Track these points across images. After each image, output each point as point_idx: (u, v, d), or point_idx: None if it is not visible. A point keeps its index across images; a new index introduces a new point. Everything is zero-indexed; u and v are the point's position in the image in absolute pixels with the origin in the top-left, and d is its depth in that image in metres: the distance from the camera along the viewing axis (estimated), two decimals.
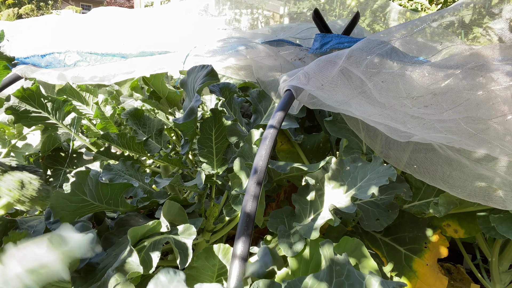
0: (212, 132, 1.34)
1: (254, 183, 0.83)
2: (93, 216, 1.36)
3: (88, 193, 1.17)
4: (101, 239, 1.18)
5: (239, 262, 0.73)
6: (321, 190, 1.13)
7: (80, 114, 2.21)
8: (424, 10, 3.26)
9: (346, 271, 0.79)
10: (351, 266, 0.80)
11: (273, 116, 0.95)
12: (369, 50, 1.06)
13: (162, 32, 1.89)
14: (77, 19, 2.02)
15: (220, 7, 2.14)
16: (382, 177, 0.99)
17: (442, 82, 1.03)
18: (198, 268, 1.08)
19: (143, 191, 1.42)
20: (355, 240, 1.01)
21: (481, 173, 1.12)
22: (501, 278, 1.56)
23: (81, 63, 1.63)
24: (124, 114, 1.84)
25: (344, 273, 0.80)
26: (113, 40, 1.75)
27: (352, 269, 0.79)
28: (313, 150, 1.71)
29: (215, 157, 1.35)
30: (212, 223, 1.35)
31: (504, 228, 1.22)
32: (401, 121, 1.05)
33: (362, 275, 0.78)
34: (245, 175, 1.18)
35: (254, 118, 1.61)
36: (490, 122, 0.99)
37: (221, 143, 1.35)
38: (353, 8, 2.11)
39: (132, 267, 0.86)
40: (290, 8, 2.39)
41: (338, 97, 1.07)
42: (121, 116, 1.89)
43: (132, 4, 15.84)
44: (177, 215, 1.13)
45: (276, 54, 1.53)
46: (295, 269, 1.01)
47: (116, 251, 1.02)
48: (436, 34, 1.26)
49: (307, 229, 1.00)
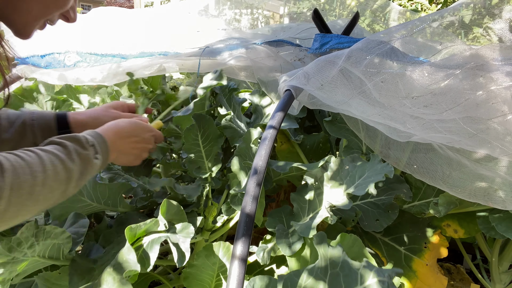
0: (198, 137, 1.31)
1: (254, 183, 0.83)
2: (93, 215, 1.36)
3: (86, 193, 1.17)
4: (100, 237, 1.18)
5: (239, 263, 0.72)
6: (320, 189, 1.13)
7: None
8: (424, 10, 3.26)
9: (340, 262, 0.79)
10: (345, 257, 0.80)
11: (273, 116, 0.95)
12: (369, 50, 1.05)
13: (162, 33, 1.89)
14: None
15: (220, 7, 2.14)
16: (379, 174, 0.99)
17: (442, 82, 1.03)
18: (198, 266, 1.08)
19: (143, 190, 1.42)
20: (353, 236, 1.01)
21: (481, 173, 1.12)
22: (501, 278, 1.56)
23: (81, 64, 1.63)
24: None
25: (339, 264, 0.80)
26: (113, 41, 1.75)
27: (346, 259, 0.80)
28: (313, 150, 1.71)
29: (206, 160, 1.34)
30: (211, 222, 1.35)
31: (503, 227, 1.22)
32: (401, 121, 1.05)
33: (357, 265, 0.78)
34: (244, 174, 1.18)
35: (254, 118, 1.61)
36: (490, 122, 0.99)
37: (210, 145, 1.33)
38: (353, 8, 2.11)
39: (129, 265, 0.86)
40: (290, 8, 2.39)
41: (338, 97, 1.07)
42: None
43: (132, 4, 15.84)
44: (176, 214, 1.12)
45: (276, 55, 1.53)
46: (294, 267, 1.01)
47: (115, 249, 1.02)
48: (436, 34, 1.26)
49: (305, 227, 1.00)
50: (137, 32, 1.87)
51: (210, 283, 1.10)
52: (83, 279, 0.99)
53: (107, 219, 1.36)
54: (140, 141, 0.98)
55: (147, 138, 1.01)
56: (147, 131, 1.02)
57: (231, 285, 0.70)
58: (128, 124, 0.96)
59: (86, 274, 1.01)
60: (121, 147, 0.93)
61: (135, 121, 0.99)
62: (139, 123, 1.00)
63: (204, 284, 1.10)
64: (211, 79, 1.39)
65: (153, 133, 1.04)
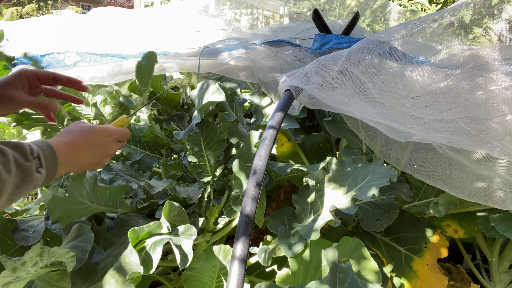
0: (200, 142, 1.31)
1: (254, 184, 0.83)
2: (93, 216, 1.36)
3: (86, 195, 1.16)
4: (101, 239, 1.18)
5: (239, 264, 0.72)
6: (322, 190, 1.13)
7: (80, 114, 2.20)
8: (424, 10, 3.27)
9: (349, 279, 0.80)
10: (354, 275, 0.81)
11: (273, 117, 0.95)
12: (369, 50, 1.05)
13: (162, 33, 1.89)
14: (76, 19, 2.02)
15: (220, 7, 2.14)
16: (382, 178, 0.99)
17: (442, 82, 1.03)
18: (199, 269, 1.09)
19: (143, 191, 1.42)
20: (355, 240, 1.01)
21: (481, 173, 1.12)
22: (501, 278, 1.56)
23: (81, 64, 1.63)
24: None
25: (348, 281, 0.80)
26: (112, 41, 1.75)
27: (355, 277, 0.80)
28: (313, 150, 1.71)
29: (208, 164, 1.34)
30: (212, 224, 1.35)
31: (503, 227, 1.22)
32: (401, 121, 1.05)
33: (366, 284, 0.78)
34: (245, 176, 1.18)
35: (255, 118, 1.61)
36: (490, 122, 0.99)
37: (213, 149, 1.33)
38: (353, 8, 2.11)
39: (132, 267, 0.86)
40: (290, 8, 2.39)
41: (338, 97, 1.07)
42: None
43: (132, 4, 15.84)
44: (177, 216, 1.12)
45: (276, 55, 1.53)
46: (295, 270, 1.01)
47: (116, 251, 1.02)
48: (436, 34, 1.26)
49: (307, 229, 1.00)
50: (137, 32, 1.87)
51: (211, 285, 1.11)
52: (85, 282, 0.99)
53: (107, 221, 1.36)
54: (97, 148, 0.91)
55: (105, 143, 0.93)
56: (104, 136, 0.93)
57: (231, 285, 0.71)
58: (82, 133, 0.89)
59: (88, 276, 1.00)
60: (76, 159, 0.86)
61: (89, 127, 0.92)
62: (94, 129, 0.92)
63: (204, 286, 1.10)
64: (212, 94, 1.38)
65: (113, 137, 0.95)
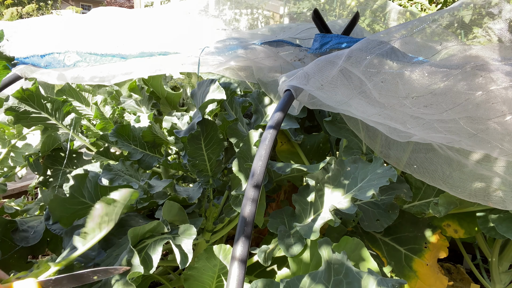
0: (201, 141, 1.32)
1: (253, 184, 0.83)
2: None
3: (87, 195, 1.16)
4: (101, 240, 1.18)
5: (239, 264, 0.72)
6: (322, 190, 1.13)
7: (80, 114, 2.20)
8: (424, 10, 3.26)
9: (344, 269, 0.79)
10: (349, 264, 0.80)
11: (272, 117, 0.95)
12: (369, 50, 1.05)
13: (162, 33, 1.89)
14: (76, 19, 2.02)
15: (220, 7, 2.14)
16: (382, 178, 0.98)
17: (442, 82, 1.03)
18: (199, 268, 1.08)
19: (143, 191, 1.42)
20: (355, 240, 1.01)
21: (481, 173, 1.12)
22: (501, 278, 1.56)
23: (81, 64, 1.63)
24: (111, 135, 1.73)
25: (343, 271, 0.80)
26: (112, 41, 1.74)
27: (350, 267, 0.79)
28: (313, 150, 1.71)
29: (208, 163, 1.34)
30: (212, 223, 1.35)
31: (504, 228, 1.22)
32: (401, 121, 1.05)
33: (360, 273, 0.78)
34: (244, 176, 1.18)
35: (255, 118, 1.61)
36: (490, 122, 0.99)
37: (212, 149, 1.34)
38: (353, 8, 2.11)
39: (132, 267, 0.86)
40: (290, 8, 2.39)
41: (338, 97, 1.07)
42: (109, 137, 1.79)
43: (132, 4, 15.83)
44: (177, 215, 1.12)
45: (276, 55, 1.53)
46: (295, 269, 1.01)
47: (117, 251, 1.02)
48: (436, 34, 1.26)
49: (307, 229, 1.00)
50: (137, 32, 1.87)
51: (211, 284, 1.11)
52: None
53: None
54: None
55: None
56: None
57: (231, 286, 0.71)
58: None
59: None
60: None
61: None
62: None
63: (204, 286, 1.10)
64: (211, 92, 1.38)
65: None
